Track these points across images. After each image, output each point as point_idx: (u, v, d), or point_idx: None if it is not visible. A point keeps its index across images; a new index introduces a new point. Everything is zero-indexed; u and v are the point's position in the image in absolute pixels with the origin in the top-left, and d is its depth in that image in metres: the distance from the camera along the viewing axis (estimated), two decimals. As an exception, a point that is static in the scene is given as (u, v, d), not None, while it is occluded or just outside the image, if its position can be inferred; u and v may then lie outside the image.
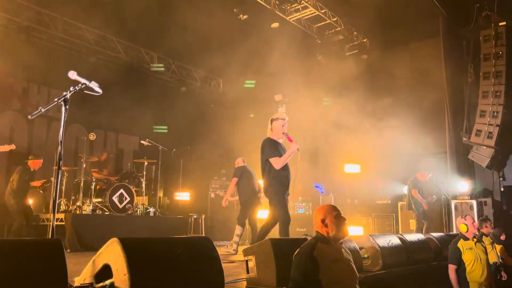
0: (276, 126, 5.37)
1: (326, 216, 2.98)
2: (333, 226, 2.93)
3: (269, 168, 5.21)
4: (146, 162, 9.39)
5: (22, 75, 9.50)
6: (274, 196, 5.17)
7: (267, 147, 5.27)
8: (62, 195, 8.36)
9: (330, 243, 2.91)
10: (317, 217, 3.03)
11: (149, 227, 8.50)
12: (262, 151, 5.31)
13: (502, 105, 8.97)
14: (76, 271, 3.06)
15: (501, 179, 9.62)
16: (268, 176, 5.23)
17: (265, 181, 5.30)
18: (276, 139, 5.38)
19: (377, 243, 4.94)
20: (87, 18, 9.65)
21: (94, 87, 3.52)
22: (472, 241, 4.93)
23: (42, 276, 2.29)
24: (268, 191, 5.26)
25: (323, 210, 3.04)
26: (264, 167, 5.28)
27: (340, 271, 2.81)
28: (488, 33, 9.35)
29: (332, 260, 2.80)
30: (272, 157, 5.18)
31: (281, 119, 5.39)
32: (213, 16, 9.42)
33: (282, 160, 5.17)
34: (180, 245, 2.94)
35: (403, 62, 10.11)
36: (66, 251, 6.74)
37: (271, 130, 5.42)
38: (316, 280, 2.69)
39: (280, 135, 5.37)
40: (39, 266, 2.30)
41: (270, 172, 5.21)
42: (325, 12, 10.30)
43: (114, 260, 2.64)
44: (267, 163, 5.23)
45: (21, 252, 2.30)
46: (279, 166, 5.14)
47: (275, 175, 5.17)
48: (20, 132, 9.51)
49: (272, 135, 5.40)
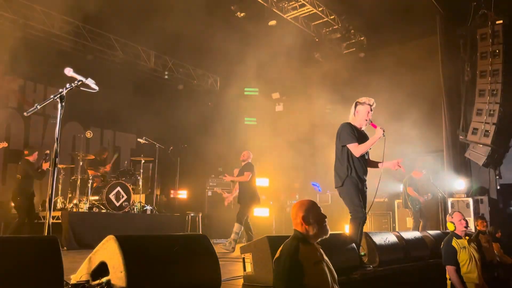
0: (361, 111, 4.72)
1: (308, 214, 2.71)
2: (315, 224, 2.68)
3: (347, 156, 4.63)
4: (143, 160, 9.38)
5: (19, 73, 9.47)
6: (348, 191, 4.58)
7: (345, 132, 4.65)
8: (58, 193, 8.34)
9: (310, 243, 2.70)
10: (298, 214, 2.74)
11: (146, 225, 8.49)
12: (338, 136, 4.73)
13: (498, 103, 8.99)
14: (72, 269, 3.06)
15: (497, 177, 9.65)
16: (342, 165, 4.65)
17: (338, 169, 4.71)
18: (358, 125, 4.74)
19: (374, 240, 4.95)
20: (84, 16, 9.61)
21: (91, 84, 3.50)
22: (465, 240, 4.68)
23: (38, 274, 2.29)
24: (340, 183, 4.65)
25: (304, 207, 2.75)
26: (340, 154, 4.70)
27: (323, 273, 2.61)
28: (485, 32, 9.36)
29: (315, 262, 2.60)
30: (350, 143, 4.58)
31: (368, 104, 4.74)
32: (210, 13, 9.41)
33: (363, 147, 4.59)
34: (177, 243, 2.94)
35: (400, 60, 10.13)
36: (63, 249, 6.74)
37: (354, 115, 4.78)
38: (301, 285, 2.49)
39: (363, 122, 4.73)
40: (35, 264, 2.30)
41: (346, 161, 4.62)
42: (322, 10, 10.30)
43: (111, 258, 2.63)
44: (343, 150, 4.66)
45: (17, 249, 2.30)
46: (359, 153, 4.57)
47: (352, 165, 4.59)
48: (17, 129, 9.49)
49: (354, 120, 4.77)
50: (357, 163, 4.62)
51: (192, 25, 9.16)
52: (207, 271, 3.02)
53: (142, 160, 9.36)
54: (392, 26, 9.70)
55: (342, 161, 4.66)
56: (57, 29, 9.74)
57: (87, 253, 2.95)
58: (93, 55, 10.43)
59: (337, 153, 4.75)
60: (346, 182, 4.57)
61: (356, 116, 4.76)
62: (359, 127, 4.74)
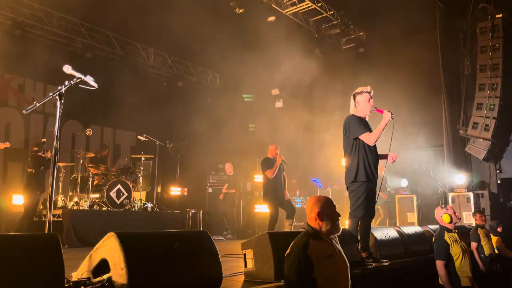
0: (362, 100, 4.60)
1: (323, 210, 2.76)
2: (329, 221, 2.74)
3: (357, 149, 4.51)
4: (143, 158, 9.37)
5: (18, 71, 9.45)
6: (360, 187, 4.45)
7: (353, 124, 4.53)
8: (59, 191, 8.35)
9: (321, 238, 2.74)
10: (313, 209, 2.79)
11: (146, 223, 8.49)
12: (345, 129, 4.60)
13: (498, 97, 8.98)
14: (73, 266, 3.06)
15: (497, 172, 9.65)
16: (352, 162, 4.51)
17: (349, 165, 4.56)
18: (362, 115, 4.63)
19: (375, 235, 4.96)
20: (83, 14, 9.59)
21: (90, 81, 3.49)
22: (455, 233, 4.64)
23: (39, 271, 2.29)
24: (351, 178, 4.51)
25: (320, 203, 2.80)
26: (349, 149, 4.56)
27: (335, 266, 2.69)
28: (484, 26, 9.33)
29: (326, 256, 2.66)
30: (362, 133, 4.46)
31: (366, 92, 4.62)
32: (210, 10, 9.38)
33: (376, 134, 4.45)
34: (178, 239, 2.93)
35: (399, 55, 10.10)
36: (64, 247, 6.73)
37: (355, 106, 4.66)
38: (311, 279, 2.56)
39: (366, 110, 4.62)
40: (36, 261, 2.30)
41: (356, 158, 4.49)
42: (321, 6, 10.28)
43: (112, 255, 2.63)
44: (353, 146, 4.52)
45: (18, 247, 2.30)
46: (374, 141, 4.46)
47: (362, 162, 4.48)
48: (17, 128, 9.48)
49: (357, 111, 4.64)
50: (367, 159, 4.50)
51: (191, 22, 9.14)
52: (208, 267, 3.02)
53: (143, 157, 9.35)
54: (391, 21, 9.67)
55: (352, 157, 4.54)
56: (56, 27, 9.71)
57: (88, 250, 2.95)
58: (92, 53, 10.40)
59: (346, 149, 4.64)
60: (357, 181, 4.47)
61: (357, 107, 4.65)
62: (363, 117, 4.65)
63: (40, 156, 7.69)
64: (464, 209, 8.81)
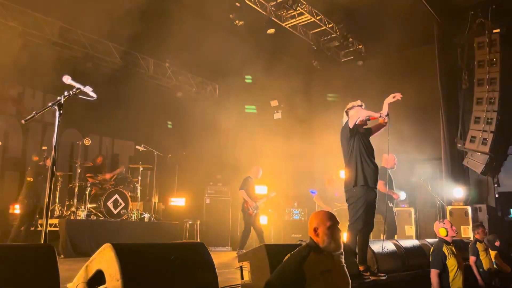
0: (354, 114, 4.67)
1: (319, 226, 2.74)
2: (325, 237, 2.70)
3: (355, 152, 4.59)
4: (141, 167, 9.36)
5: (17, 80, 9.46)
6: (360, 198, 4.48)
7: (347, 122, 4.66)
8: (56, 201, 8.32)
9: (323, 253, 2.71)
10: (311, 224, 2.80)
11: (144, 233, 8.45)
12: (343, 133, 4.71)
13: (496, 111, 9.02)
14: (69, 277, 3.04)
15: (495, 185, 9.66)
16: (351, 171, 4.56)
17: (348, 171, 4.61)
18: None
19: (372, 249, 4.94)
20: (83, 23, 9.64)
21: (89, 92, 3.50)
22: (452, 246, 4.76)
23: (34, 282, 2.28)
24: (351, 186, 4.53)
25: (317, 219, 2.79)
26: (348, 154, 4.64)
27: (331, 282, 2.63)
28: (482, 40, 9.42)
29: (324, 271, 2.61)
30: (354, 114, 4.62)
31: (357, 106, 4.69)
32: (209, 21, 9.45)
33: (364, 111, 4.59)
34: (174, 251, 2.93)
35: (398, 69, 10.17)
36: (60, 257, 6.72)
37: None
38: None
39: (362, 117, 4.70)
40: (31, 272, 2.29)
41: (354, 167, 4.55)
42: (320, 19, 10.35)
43: (107, 266, 2.62)
44: (352, 155, 4.59)
45: (13, 258, 2.29)
46: (365, 115, 4.60)
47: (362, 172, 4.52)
48: (15, 137, 9.46)
49: (352, 124, 4.71)
50: (367, 169, 4.55)
51: (190, 33, 9.20)
52: (204, 279, 3.01)
53: (141, 167, 9.34)
54: (390, 34, 9.75)
55: (351, 166, 4.60)
56: (56, 37, 9.75)
57: (84, 261, 2.93)
58: (92, 63, 10.43)
59: (346, 158, 4.71)
60: (356, 190, 4.51)
61: (351, 120, 4.70)
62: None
63: (40, 165, 7.70)
64: (462, 222, 8.79)
